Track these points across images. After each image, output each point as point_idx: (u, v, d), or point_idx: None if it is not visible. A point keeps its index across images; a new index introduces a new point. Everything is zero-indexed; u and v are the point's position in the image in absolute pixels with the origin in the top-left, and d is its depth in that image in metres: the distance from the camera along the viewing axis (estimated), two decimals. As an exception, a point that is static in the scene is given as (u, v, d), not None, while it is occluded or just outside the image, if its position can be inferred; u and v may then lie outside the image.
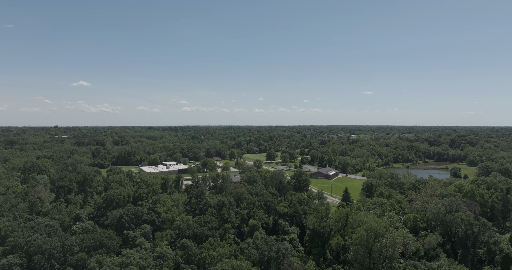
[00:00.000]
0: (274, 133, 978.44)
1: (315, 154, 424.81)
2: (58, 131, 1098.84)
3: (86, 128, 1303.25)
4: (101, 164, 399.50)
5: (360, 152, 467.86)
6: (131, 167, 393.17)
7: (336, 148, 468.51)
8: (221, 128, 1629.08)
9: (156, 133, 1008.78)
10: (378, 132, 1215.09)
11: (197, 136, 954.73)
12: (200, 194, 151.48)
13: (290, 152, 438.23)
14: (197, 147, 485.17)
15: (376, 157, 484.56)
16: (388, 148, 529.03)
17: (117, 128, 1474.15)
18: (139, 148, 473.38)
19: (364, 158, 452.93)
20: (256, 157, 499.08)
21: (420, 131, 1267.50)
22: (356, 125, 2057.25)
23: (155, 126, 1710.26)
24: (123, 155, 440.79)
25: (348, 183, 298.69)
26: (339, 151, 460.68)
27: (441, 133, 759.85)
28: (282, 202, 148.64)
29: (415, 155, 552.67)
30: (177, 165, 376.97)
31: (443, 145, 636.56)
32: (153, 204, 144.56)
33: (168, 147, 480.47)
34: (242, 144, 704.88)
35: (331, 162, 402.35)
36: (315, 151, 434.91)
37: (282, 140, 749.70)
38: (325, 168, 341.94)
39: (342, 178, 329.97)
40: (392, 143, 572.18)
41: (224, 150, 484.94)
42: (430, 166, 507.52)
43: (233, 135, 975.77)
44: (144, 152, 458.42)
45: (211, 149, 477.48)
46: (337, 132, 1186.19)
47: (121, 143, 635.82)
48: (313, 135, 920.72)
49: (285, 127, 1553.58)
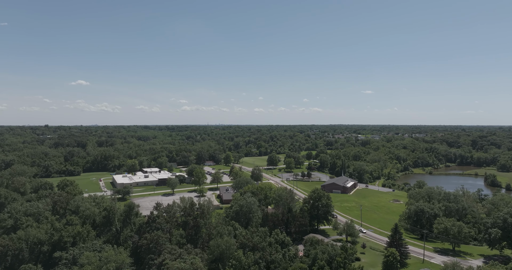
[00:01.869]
0: (275, 133, 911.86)
1: (325, 158, 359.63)
2: (47, 130, 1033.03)
3: (77, 127, 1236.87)
4: (70, 170, 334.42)
5: (376, 155, 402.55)
6: (105, 175, 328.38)
7: (349, 152, 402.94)
8: (219, 127, 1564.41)
9: (149, 133, 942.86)
10: (384, 132, 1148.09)
11: (193, 136, 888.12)
12: (156, 244, 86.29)
13: (295, 156, 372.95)
14: (187, 150, 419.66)
15: (394, 161, 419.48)
16: (406, 151, 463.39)
17: (111, 127, 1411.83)
18: (120, 151, 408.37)
19: (382, 163, 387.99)
20: (256, 161, 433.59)
21: (428, 130, 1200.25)
22: (359, 125, 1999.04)
23: (152, 125, 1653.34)
24: (100, 159, 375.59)
25: (373, 198, 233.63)
26: (352, 154, 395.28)
27: (459, 133, 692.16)
28: (296, 262, 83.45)
29: (435, 158, 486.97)
30: (159, 172, 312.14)
31: (464, 146, 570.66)
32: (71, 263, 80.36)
33: (154, 150, 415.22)
34: (241, 145, 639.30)
35: (344, 168, 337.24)
36: (324, 155, 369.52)
37: (284, 141, 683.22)
38: (340, 178, 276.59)
39: (363, 190, 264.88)
40: (409, 144, 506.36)
41: (219, 154, 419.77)
42: (454, 172, 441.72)
43: (231, 135, 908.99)
44: (125, 156, 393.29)
45: (204, 152, 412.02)
46: (341, 131, 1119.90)
47: (105, 144, 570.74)
48: (317, 135, 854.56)
49: (286, 127, 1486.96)
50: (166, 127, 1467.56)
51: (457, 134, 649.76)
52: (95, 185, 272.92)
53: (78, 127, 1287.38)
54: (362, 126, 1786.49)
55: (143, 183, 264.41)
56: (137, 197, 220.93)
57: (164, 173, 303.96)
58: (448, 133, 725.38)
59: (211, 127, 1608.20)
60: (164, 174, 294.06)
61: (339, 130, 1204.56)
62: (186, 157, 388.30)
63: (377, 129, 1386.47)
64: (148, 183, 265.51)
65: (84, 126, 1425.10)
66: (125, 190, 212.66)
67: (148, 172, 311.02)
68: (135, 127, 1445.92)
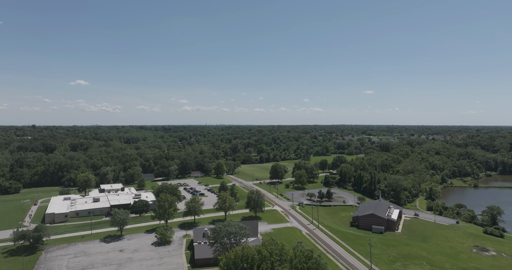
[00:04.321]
0: (277, 134, 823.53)
1: (346, 170, 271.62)
2: (31, 131, 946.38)
3: (69, 127, 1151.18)
4: (5, 188, 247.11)
5: (409, 164, 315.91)
6: (53, 192, 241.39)
7: (374, 159, 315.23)
8: (219, 127, 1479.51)
9: (139, 134, 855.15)
10: (395, 132, 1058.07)
11: (186, 138, 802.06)
12: None
13: (307, 167, 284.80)
14: (169, 157, 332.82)
15: (431, 171, 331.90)
16: (441, 158, 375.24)
17: (105, 127, 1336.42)
18: (81, 159, 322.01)
19: (416, 174, 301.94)
20: (256, 171, 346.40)
21: (440, 131, 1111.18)
22: (364, 125, 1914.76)
23: (148, 125, 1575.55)
24: (53, 170, 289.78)
25: (441, 242, 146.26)
26: (380, 163, 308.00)
27: (492, 135, 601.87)
28: None
29: (474, 166, 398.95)
30: (120, 192, 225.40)
31: (501, 150, 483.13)
32: None
33: (127, 157, 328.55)
34: (239, 148, 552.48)
35: (375, 184, 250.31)
36: (346, 165, 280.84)
37: (289, 144, 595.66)
38: (379, 204, 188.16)
39: (414, 223, 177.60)
40: (442, 149, 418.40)
41: (209, 162, 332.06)
42: (502, 184, 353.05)
43: (230, 136, 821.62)
44: (88, 165, 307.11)
45: (190, 159, 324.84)
46: (349, 132, 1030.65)
47: (80, 148, 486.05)
48: (325, 137, 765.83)
49: (288, 127, 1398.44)
50: (162, 127, 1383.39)
51: (490, 136, 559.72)
52: (21, 213, 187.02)
53: (70, 127, 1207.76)
54: (367, 126, 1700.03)
55: (88, 211, 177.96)
56: (58, 245, 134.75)
57: (127, 194, 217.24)
58: (481, 135, 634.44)
59: (210, 127, 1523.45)
60: (125, 197, 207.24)
61: (346, 131, 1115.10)
62: (166, 166, 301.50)
63: (384, 129, 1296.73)
64: (95, 212, 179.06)
65: (84, 126, 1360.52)
66: (36, 235, 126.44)
67: (106, 191, 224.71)
68: (130, 127, 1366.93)
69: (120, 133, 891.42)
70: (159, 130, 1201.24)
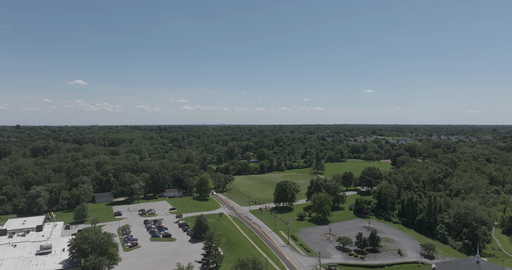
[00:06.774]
0: (280, 134, 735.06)
1: (389, 192, 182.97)
2: (13, 132, 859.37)
3: (49, 128, 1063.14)
4: None
5: (468, 178, 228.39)
6: None
7: (419, 172, 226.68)
8: (217, 127, 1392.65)
9: (126, 135, 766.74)
10: (408, 133, 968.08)
11: (178, 139, 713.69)
12: None
13: (329, 186, 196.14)
14: (137, 169, 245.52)
15: (493, 188, 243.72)
16: (498, 167, 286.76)
17: (96, 127, 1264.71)
18: (18, 173, 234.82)
19: (477, 189, 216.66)
20: (255, 187, 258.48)
21: (451, 131, 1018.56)
22: (367, 124, 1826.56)
23: (142, 125, 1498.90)
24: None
25: None
26: (427, 177, 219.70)
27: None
28: None
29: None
30: (23, 240, 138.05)
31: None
32: None
33: (79, 168, 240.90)
34: (236, 152, 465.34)
35: (434, 215, 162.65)
36: (386, 183, 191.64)
37: (294, 146, 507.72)
38: (471, 264, 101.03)
39: None
40: (491, 155, 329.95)
41: (190, 176, 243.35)
42: None
43: (227, 137, 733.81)
44: (22, 182, 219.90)
45: (164, 172, 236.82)
46: (358, 132, 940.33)
47: (42, 153, 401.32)
48: (335, 138, 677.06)
49: (291, 127, 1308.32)
50: (158, 127, 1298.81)
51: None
52: None
53: (62, 127, 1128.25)
54: (373, 125, 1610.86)
55: None
56: None
57: (33, 242, 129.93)
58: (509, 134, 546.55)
59: (208, 127, 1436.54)
60: (20, 251, 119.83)
61: (355, 131, 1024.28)
62: (128, 183, 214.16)
63: (391, 129, 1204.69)
64: None
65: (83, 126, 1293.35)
66: None
67: (8, 234, 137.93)
68: (124, 127, 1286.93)
69: (107, 134, 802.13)
70: (154, 130, 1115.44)
